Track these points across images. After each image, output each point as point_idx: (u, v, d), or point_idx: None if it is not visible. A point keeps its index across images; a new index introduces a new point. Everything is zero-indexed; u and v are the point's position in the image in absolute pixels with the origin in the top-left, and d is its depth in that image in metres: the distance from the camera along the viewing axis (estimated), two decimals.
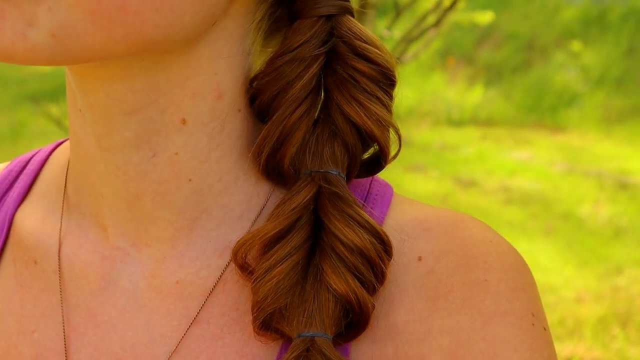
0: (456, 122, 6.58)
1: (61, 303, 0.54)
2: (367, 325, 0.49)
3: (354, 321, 0.49)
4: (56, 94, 6.58)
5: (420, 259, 0.51)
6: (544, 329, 0.49)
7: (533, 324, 0.49)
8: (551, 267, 4.05)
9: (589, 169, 5.44)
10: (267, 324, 0.49)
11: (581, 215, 4.72)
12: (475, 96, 6.86)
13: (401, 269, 0.51)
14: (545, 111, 6.73)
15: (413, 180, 5.16)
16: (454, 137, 6.21)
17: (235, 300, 0.52)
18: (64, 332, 0.53)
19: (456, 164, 5.56)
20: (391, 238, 0.51)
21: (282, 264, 0.49)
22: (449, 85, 7.11)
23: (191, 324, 0.52)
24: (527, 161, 5.63)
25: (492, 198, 4.95)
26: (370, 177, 0.56)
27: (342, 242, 0.49)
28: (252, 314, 0.49)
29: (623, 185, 5.15)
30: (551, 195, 5.03)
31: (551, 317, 4.00)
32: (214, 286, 0.52)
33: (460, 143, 6.05)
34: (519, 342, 0.48)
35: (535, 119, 6.65)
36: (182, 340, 0.51)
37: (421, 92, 6.73)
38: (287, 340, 0.49)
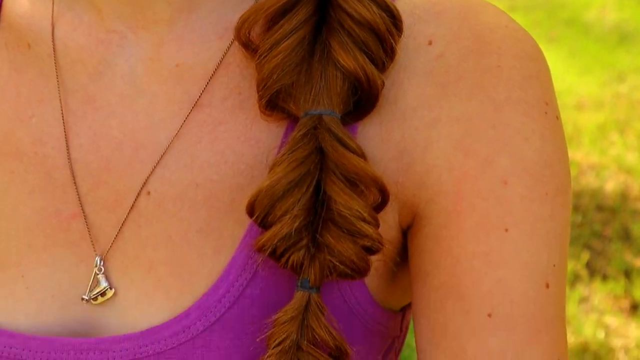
0: None
1: (58, 88, 0.52)
2: (376, 104, 0.48)
3: (362, 100, 0.47)
4: None
5: (430, 43, 0.48)
6: (557, 118, 0.48)
7: (546, 113, 0.47)
8: (553, 74, 4.01)
9: None
10: (273, 102, 0.47)
11: (586, 22, 4.64)
12: None
13: (411, 53, 0.48)
14: None
15: None
16: None
17: (237, 85, 0.50)
18: (62, 117, 0.52)
19: None
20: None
21: (288, 39, 0.47)
22: None
23: (192, 108, 0.50)
24: None
25: (495, 5, 4.85)
26: None
27: (350, 15, 0.46)
28: (258, 92, 0.48)
29: None
30: (556, 1, 4.91)
31: None
32: (215, 69, 0.50)
33: None
34: (531, 131, 0.47)
35: None
36: (183, 125, 0.50)
37: None
38: (292, 121, 0.48)
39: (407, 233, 0.50)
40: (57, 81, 0.53)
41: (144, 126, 0.51)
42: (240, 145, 0.50)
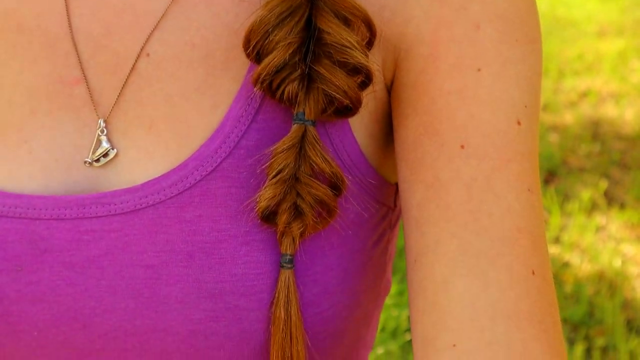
0: None
1: None
2: None
3: None
4: None
5: None
6: None
7: None
8: (574, 1, 3.96)
9: None
10: None
11: None
12: None
13: None
14: None
15: None
16: None
17: None
18: None
19: None
20: None
21: None
22: None
23: None
24: None
25: None
26: None
27: None
28: None
29: None
30: None
31: (570, 52, 3.98)
32: None
33: None
34: None
35: None
36: None
37: None
38: None
39: (390, 92, 0.52)
40: None
41: None
42: (235, 7, 0.51)
